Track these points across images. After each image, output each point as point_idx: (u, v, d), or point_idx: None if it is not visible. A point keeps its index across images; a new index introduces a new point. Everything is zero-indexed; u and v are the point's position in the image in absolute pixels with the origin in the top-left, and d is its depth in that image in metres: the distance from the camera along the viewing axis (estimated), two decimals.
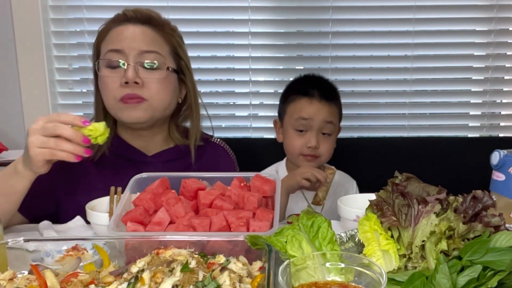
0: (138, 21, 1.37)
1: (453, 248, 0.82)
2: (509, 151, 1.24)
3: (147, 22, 1.38)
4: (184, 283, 0.69)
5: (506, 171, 1.22)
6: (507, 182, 1.22)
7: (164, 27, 1.41)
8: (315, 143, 1.71)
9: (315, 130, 1.73)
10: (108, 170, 1.42)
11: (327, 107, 1.75)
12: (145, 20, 1.38)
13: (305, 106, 1.73)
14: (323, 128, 1.74)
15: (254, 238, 0.78)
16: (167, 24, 1.43)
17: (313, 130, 1.72)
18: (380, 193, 0.93)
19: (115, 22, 1.38)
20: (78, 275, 0.76)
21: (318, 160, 1.76)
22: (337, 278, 0.76)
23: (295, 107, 1.75)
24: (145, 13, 1.39)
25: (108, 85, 1.35)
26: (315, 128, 1.72)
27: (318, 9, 2.24)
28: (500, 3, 2.22)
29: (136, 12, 1.38)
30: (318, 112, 1.73)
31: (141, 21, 1.37)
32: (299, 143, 1.73)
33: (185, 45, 1.48)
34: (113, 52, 1.34)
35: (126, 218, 0.98)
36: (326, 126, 1.75)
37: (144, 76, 1.34)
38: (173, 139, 1.50)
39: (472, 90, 2.35)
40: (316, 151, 1.73)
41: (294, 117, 1.74)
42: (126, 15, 1.38)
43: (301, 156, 1.74)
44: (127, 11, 1.39)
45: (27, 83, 2.18)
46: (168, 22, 1.44)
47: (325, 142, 1.75)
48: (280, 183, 1.08)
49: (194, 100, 1.47)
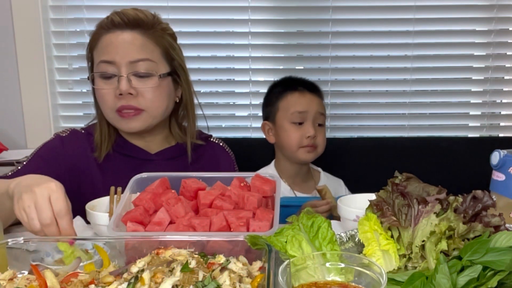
0: (126, 26, 1.35)
1: (453, 248, 0.82)
2: (509, 151, 1.24)
3: (136, 26, 1.35)
4: (184, 283, 0.69)
5: (506, 171, 1.22)
6: (507, 182, 1.22)
7: (155, 28, 1.38)
8: (313, 132, 1.77)
9: (311, 121, 1.78)
10: (112, 169, 1.43)
11: (317, 99, 1.83)
12: (133, 25, 1.35)
13: (299, 99, 1.80)
14: (317, 119, 1.81)
15: (254, 238, 0.78)
16: (157, 24, 1.40)
17: (309, 121, 1.78)
18: (380, 193, 0.93)
19: (104, 29, 1.36)
20: (78, 275, 0.76)
21: (315, 152, 1.81)
22: (337, 278, 0.76)
23: (289, 102, 1.80)
24: (132, 16, 1.36)
25: (104, 97, 1.36)
26: (311, 119, 1.78)
27: (318, 9, 2.24)
28: (500, 3, 2.22)
29: (123, 17, 1.35)
30: (311, 103, 1.80)
31: (130, 27, 1.35)
32: (297, 135, 1.78)
33: (177, 43, 1.46)
34: (105, 64, 1.34)
35: (126, 218, 0.98)
36: (320, 117, 1.82)
37: (138, 86, 1.34)
38: (174, 136, 1.51)
39: (472, 90, 2.35)
40: (314, 141, 1.78)
41: (289, 111, 1.79)
42: (114, 21, 1.35)
43: (301, 148, 1.78)
44: (114, 16, 1.36)
45: (27, 83, 2.18)
46: (158, 21, 1.41)
47: (321, 133, 1.82)
48: (280, 183, 1.08)
49: (190, 99, 1.48)
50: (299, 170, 1.88)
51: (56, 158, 1.40)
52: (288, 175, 1.87)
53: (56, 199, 0.97)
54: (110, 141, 1.44)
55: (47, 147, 1.43)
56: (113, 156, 1.43)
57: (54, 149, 1.42)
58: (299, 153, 1.79)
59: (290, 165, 1.86)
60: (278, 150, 1.89)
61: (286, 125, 1.79)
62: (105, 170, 1.43)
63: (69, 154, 1.42)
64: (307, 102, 1.79)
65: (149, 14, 1.41)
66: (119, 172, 1.41)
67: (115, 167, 1.43)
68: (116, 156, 1.44)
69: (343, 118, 2.32)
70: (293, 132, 1.78)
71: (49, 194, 0.97)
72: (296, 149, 1.78)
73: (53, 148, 1.43)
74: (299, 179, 1.89)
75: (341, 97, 2.32)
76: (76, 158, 1.42)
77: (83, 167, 1.43)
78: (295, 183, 1.88)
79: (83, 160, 1.43)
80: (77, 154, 1.43)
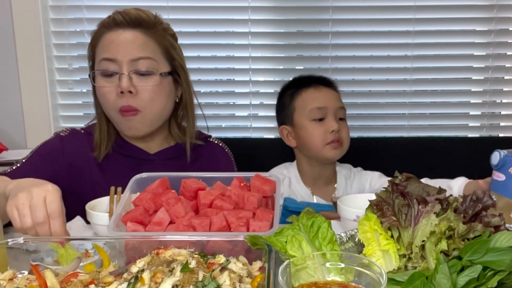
0: (128, 25, 1.36)
1: (453, 248, 0.82)
2: (509, 151, 1.24)
3: (137, 25, 1.37)
4: (184, 283, 0.69)
5: (506, 171, 1.22)
6: (507, 182, 1.22)
7: (156, 28, 1.40)
8: (336, 126, 1.67)
9: (332, 115, 1.70)
10: (112, 169, 1.43)
11: (334, 92, 1.75)
12: (135, 24, 1.37)
13: (315, 94, 1.72)
14: (338, 113, 1.72)
15: (254, 238, 0.78)
16: (158, 24, 1.41)
17: (331, 115, 1.69)
18: (380, 193, 0.93)
19: (106, 27, 1.37)
20: (78, 275, 0.76)
21: (342, 148, 1.73)
22: (337, 278, 0.76)
23: (305, 99, 1.73)
24: (134, 16, 1.37)
25: (105, 95, 1.37)
26: (331, 113, 1.70)
27: (318, 9, 2.24)
28: (500, 3, 2.22)
29: (125, 16, 1.36)
30: (329, 97, 1.72)
31: (131, 26, 1.36)
32: (320, 132, 1.69)
33: (178, 44, 1.47)
34: (106, 61, 1.35)
35: (126, 218, 0.98)
36: (340, 111, 1.73)
37: (138, 84, 1.35)
38: (173, 137, 1.51)
39: (472, 90, 2.35)
40: (339, 135, 1.70)
41: (307, 109, 1.71)
42: (116, 20, 1.36)
43: (327, 146, 1.69)
44: (116, 15, 1.37)
45: (27, 83, 2.18)
46: (159, 21, 1.42)
47: (344, 127, 1.73)
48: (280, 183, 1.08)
49: (189, 99, 1.48)
50: (322, 172, 1.80)
51: (55, 157, 1.41)
52: (310, 178, 1.80)
53: (51, 201, 0.98)
54: (110, 141, 1.44)
55: (46, 145, 1.44)
56: (113, 156, 1.44)
57: (54, 148, 1.43)
58: (325, 151, 1.69)
59: (313, 167, 1.78)
60: (300, 152, 1.80)
61: (306, 124, 1.70)
62: (104, 170, 1.43)
63: (69, 154, 1.42)
64: (324, 96, 1.71)
65: (151, 14, 1.42)
66: (119, 172, 1.41)
67: (115, 167, 1.43)
68: (116, 156, 1.44)
69: None
70: (315, 129, 1.69)
71: (45, 195, 0.98)
72: (322, 146, 1.69)
73: (52, 147, 1.43)
74: (321, 182, 1.81)
75: (341, 97, 2.31)
76: (75, 158, 1.43)
77: (82, 167, 1.43)
78: (317, 186, 1.80)
79: (82, 159, 1.43)
80: (77, 154, 1.43)
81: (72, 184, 1.40)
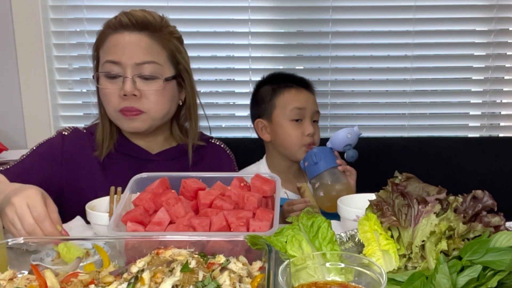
0: (134, 28, 1.35)
1: (453, 248, 0.82)
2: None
3: (143, 28, 1.35)
4: (184, 283, 0.69)
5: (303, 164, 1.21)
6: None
7: (162, 31, 1.38)
8: (312, 129, 1.74)
9: (309, 118, 1.76)
10: (112, 169, 1.43)
11: (312, 96, 1.81)
12: (141, 26, 1.35)
13: (297, 95, 1.77)
14: (314, 116, 1.79)
15: (254, 238, 0.78)
16: (165, 27, 1.40)
17: (308, 118, 1.76)
18: (380, 193, 0.93)
19: (111, 28, 1.36)
20: (78, 275, 0.76)
21: None
22: (337, 278, 0.76)
23: (286, 98, 1.76)
24: (140, 18, 1.36)
25: (108, 96, 1.37)
26: (308, 116, 1.76)
27: (318, 9, 2.24)
28: (500, 3, 2.22)
29: (131, 18, 1.35)
30: (308, 100, 1.78)
31: (137, 28, 1.35)
32: (297, 133, 1.74)
33: (184, 46, 1.46)
34: (110, 64, 1.35)
35: (126, 218, 0.98)
36: (316, 114, 1.80)
37: (142, 88, 1.35)
38: (174, 138, 1.51)
39: (472, 90, 2.35)
40: (313, 139, 1.76)
41: (288, 108, 1.75)
42: (122, 22, 1.35)
43: (303, 147, 1.74)
44: (122, 16, 1.36)
45: (27, 83, 2.18)
46: (166, 24, 1.41)
47: (317, 130, 1.80)
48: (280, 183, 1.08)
49: (193, 102, 1.48)
50: (291, 166, 1.85)
51: (54, 156, 1.41)
52: (280, 172, 1.80)
53: (33, 205, 1.00)
54: (112, 140, 1.44)
55: (46, 144, 1.44)
56: (114, 155, 1.44)
57: (53, 147, 1.42)
58: (299, 153, 1.75)
59: (283, 161, 1.83)
60: (272, 147, 1.85)
61: (284, 123, 1.76)
62: (105, 170, 1.43)
63: (69, 153, 1.42)
64: (304, 98, 1.76)
65: (157, 16, 1.41)
66: (120, 172, 1.41)
67: (116, 166, 1.43)
68: (117, 156, 1.44)
69: (343, 118, 2.32)
70: (292, 129, 1.75)
71: (27, 201, 1.00)
72: (297, 148, 1.75)
73: (52, 146, 1.43)
74: (291, 175, 1.85)
75: (341, 97, 2.32)
76: (76, 157, 1.43)
77: (83, 166, 1.42)
78: (287, 179, 1.84)
79: (83, 159, 1.43)
80: (78, 153, 1.43)
81: (73, 184, 1.40)
